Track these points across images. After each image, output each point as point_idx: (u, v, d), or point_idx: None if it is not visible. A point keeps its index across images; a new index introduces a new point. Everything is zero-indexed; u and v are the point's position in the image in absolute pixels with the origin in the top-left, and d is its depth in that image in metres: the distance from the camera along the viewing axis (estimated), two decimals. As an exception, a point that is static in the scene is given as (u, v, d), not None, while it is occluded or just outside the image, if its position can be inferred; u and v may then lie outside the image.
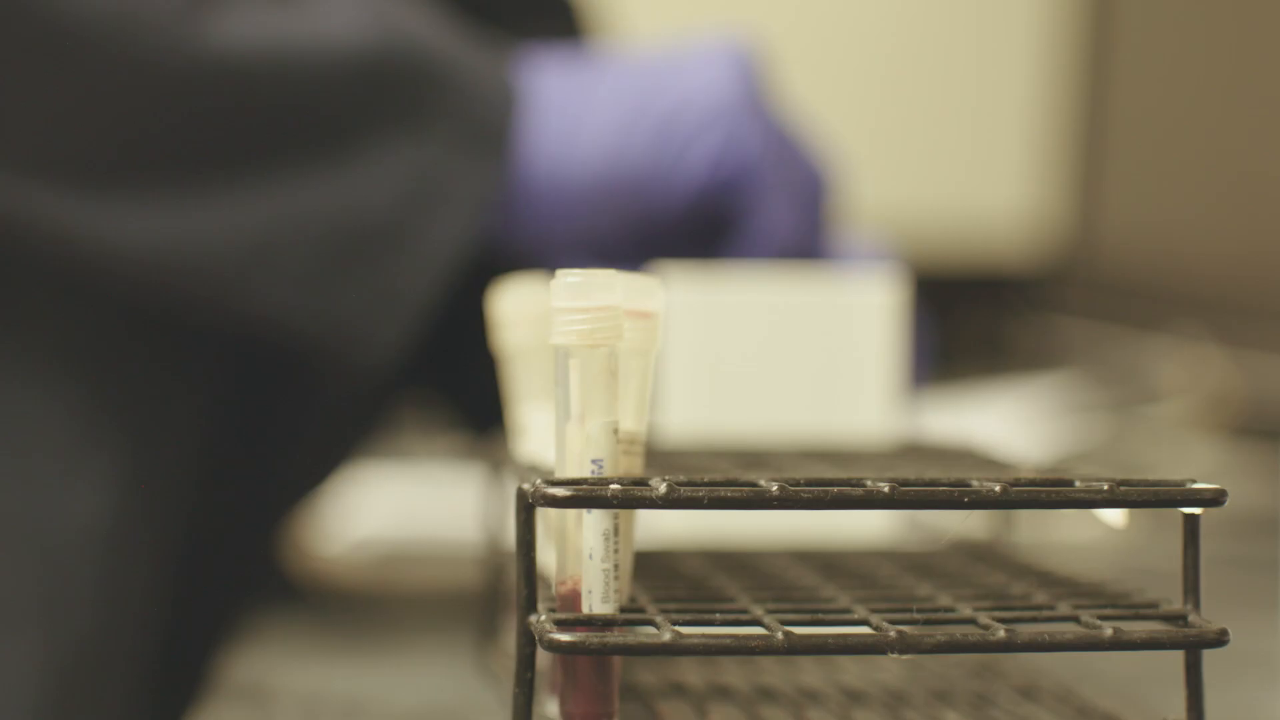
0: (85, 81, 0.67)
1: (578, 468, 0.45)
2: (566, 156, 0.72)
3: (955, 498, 0.44)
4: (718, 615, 0.47)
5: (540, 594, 0.44)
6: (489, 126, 0.71)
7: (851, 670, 0.57)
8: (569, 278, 0.45)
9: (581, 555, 0.45)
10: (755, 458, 0.58)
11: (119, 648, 0.72)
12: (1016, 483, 0.45)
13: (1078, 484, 0.45)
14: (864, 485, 0.44)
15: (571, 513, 0.45)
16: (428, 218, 0.70)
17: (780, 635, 0.43)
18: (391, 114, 0.70)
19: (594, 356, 0.45)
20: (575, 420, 0.45)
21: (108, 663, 0.72)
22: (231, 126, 0.69)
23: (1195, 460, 1.14)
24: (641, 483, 0.43)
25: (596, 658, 0.45)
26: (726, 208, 0.73)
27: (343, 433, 0.87)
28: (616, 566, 0.45)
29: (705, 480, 0.44)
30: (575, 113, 0.72)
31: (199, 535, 0.77)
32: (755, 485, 0.44)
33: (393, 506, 1.01)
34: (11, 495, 0.70)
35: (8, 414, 0.71)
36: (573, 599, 0.45)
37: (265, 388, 0.80)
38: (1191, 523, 0.45)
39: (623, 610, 0.45)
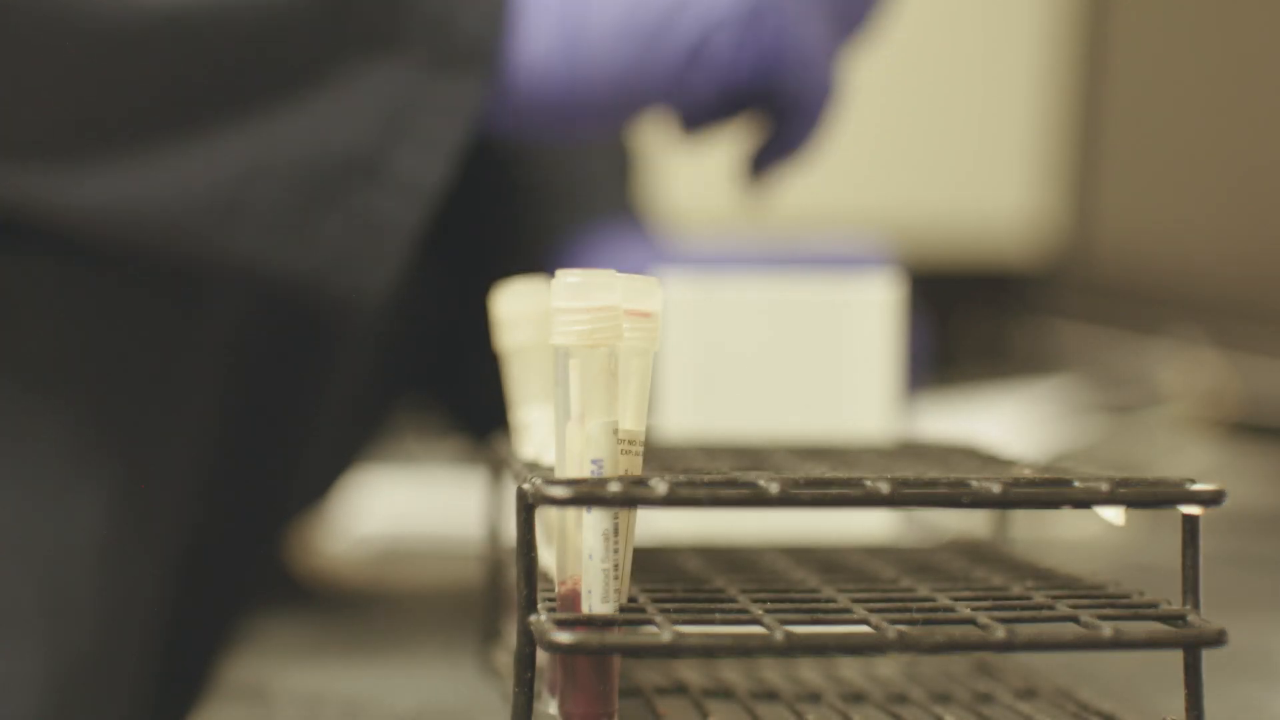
0: (28, 47, 0.66)
1: (578, 468, 0.45)
2: (570, 59, 0.70)
3: (955, 497, 0.45)
4: (717, 615, 0.47)
5: (540, 594, 0.44)
6: (471, 41, 0.68)
7: (851, 670, 0.57)
8: (569, 278, 0.45)
9: (581, 555, 0.45)
10: (754, 457, 0.58)
11: (119, 659, 0.72)
12: (1016, 482, 0.45)
13: (1077, 483, 0.45)
14: (863, 485, 0.44)
15: (571, 512, 0.45)
16: (403, 143, 0.68)
17: (780, 635, 0.43)
18: (357, 40, 0.68)
19: (594, 356, 0.45)
20: (575, 420, 0.45)
21: (108, 675, 0.72)
22: (185, 77, 0.67)
23: (1193, 461, 1.14)
24: (641, 482, 0.44)
25: (596, 657, 0.45)
26: (766, 76, 0.72)
27: (346, 439, 0.87)
28: (616, 566, 0.45)
29: (705, 480, 0.44)
30: (582, 26, 0.70)
31: (200, 544, 0.77)
32: (755, 485, 0.44)
33: (394, 506, 1.02)
34: (11, 507, 0.70)
35: (6, 425, 0.70)
36: (572, 599, 0.45)
37: (268, 393, 0.80)
38: (1191, 522, 0.45)
39: (622, 610, 0.45)
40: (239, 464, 0.79)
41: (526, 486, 0.44)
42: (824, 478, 0.45)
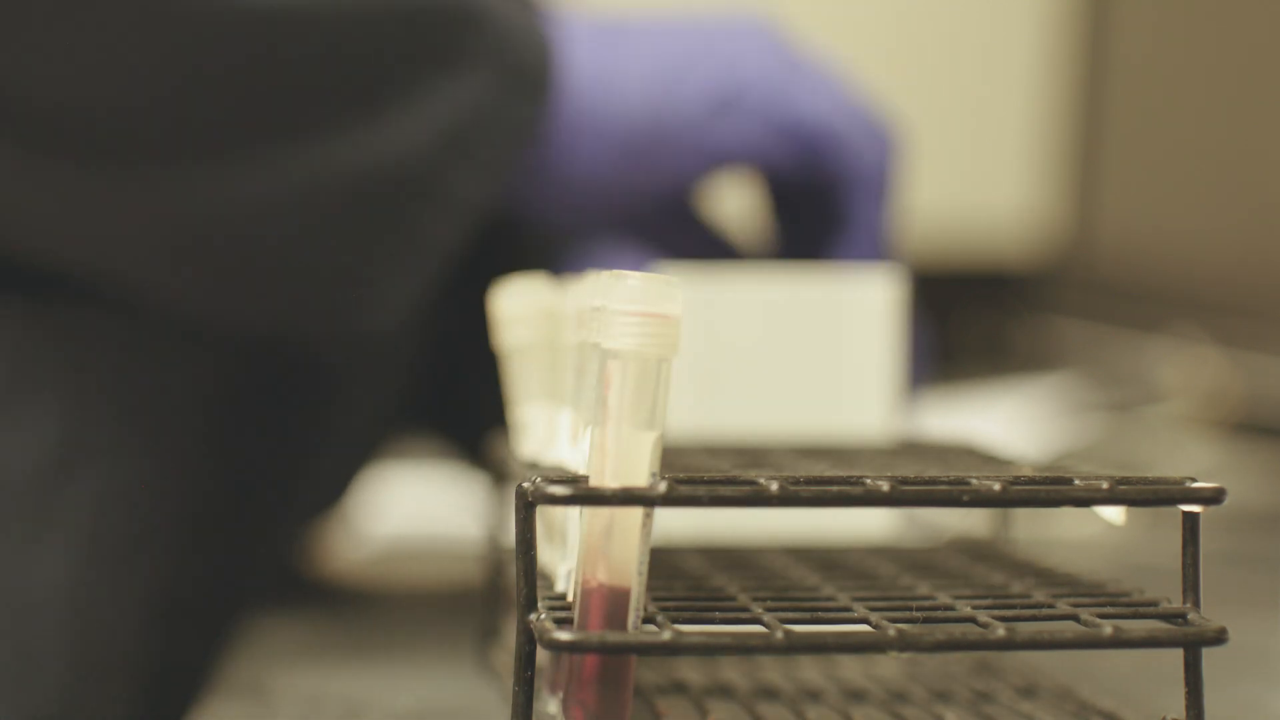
0: (110, 37, 0.62)
1: (615, 474, 0.43)
2: (605, 103, 0.69)
3: (955, 496, 0.44)
4: (717, 614, 0.47)
5: (540, 592, 0.44)
6: (527, 68, 0.68)
7: (851, 668, 0.57)
8: (630, 280, 0.43)
9: (633, 557, 0.44)
10: (755, 456, 0.58)
11: (88, 708, 0.70)
12: (1016, 480, 0.45)
13: (1077, 482, 0.45)
14: (864, 483, 0.44)
15: (620, 512, 0.44)
16: (461, 165, 0.67)
17: (780, 634, 0.43)
18: (430, 57, 0.66)
19: (648, 366, 0.44)
20: (613, 425, 0.44)
21: (104, 687, 0.70)
22: (270, 80, 0.65)
23: (1194, 459, 1.14)
24: (641, 481, 0.43)
25: (613, 664, 0.45)
26: (816, 167, 0.72)
27: (356, 451, 0.87)
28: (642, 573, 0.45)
29: (705, 479, 0.44)
30: (612, 64, 0.70)
31: (184, 583, 0.75)
32: (755, 484, 0.44)
33: (394, 506, 1.01)
34: None
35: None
36: (621, 597, 0.44)
37: (272, 413, 0.79)
38: (1191, 521, 0.45)
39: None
40: (228, 495, 0.77)
41: (526, 485, 0.44)
42: (824, 476, 0.45)
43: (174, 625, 0.74)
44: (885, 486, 0.44)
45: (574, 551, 0.46)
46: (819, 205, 0.74)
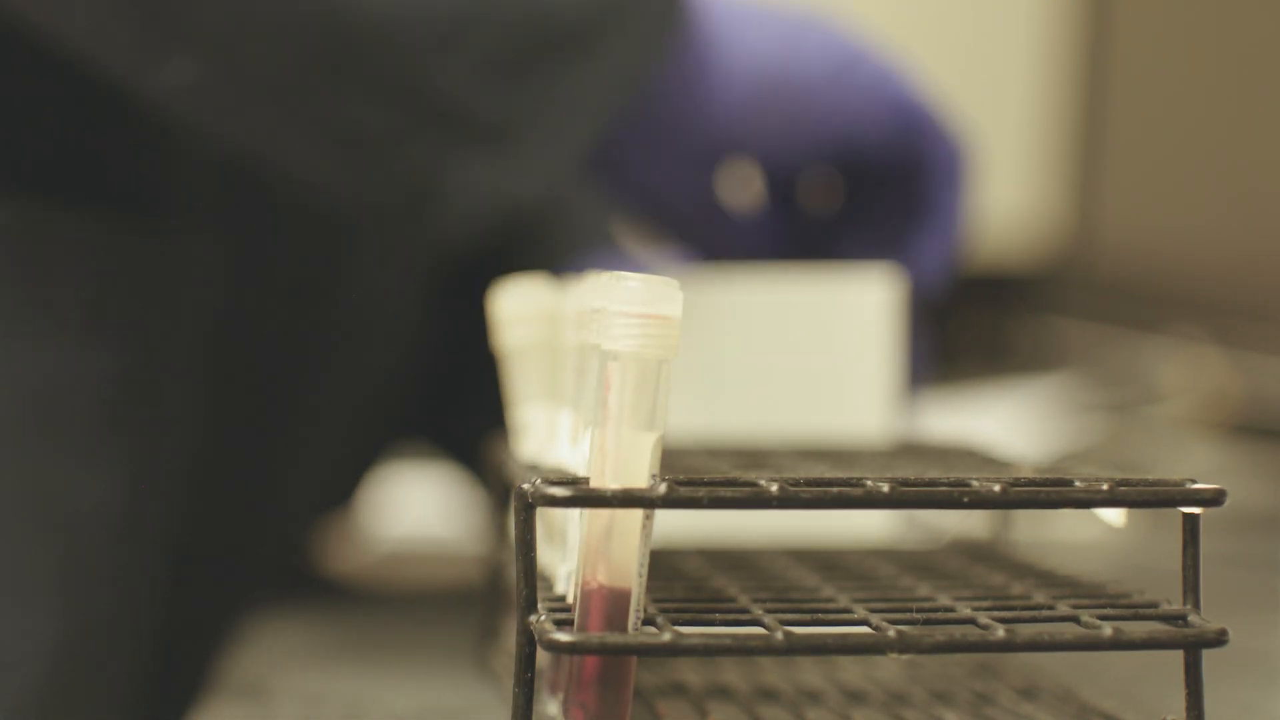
0: None
1: (614, 476, 0.44)
2: (737, 43, 0.69)
3: (955, 497, 0.44)
4: (718, 615, 0.47)
5: (540, 594, 0.44)
6: None
7: (851, 670, 0.57)
8: (630, 281, 0.43)
9: (634, 559, 0.44)
10: (755, 458, 0.58)
11: (128, 629, 0.72)
12: (1016, 482, 0.45)
13: (1077, 483, 0.45)
14: (864, 485, 0.44)
15: (620, 513, 0.44)
16: (618, 27, 0.66)
17: (780, 635, 0.43)
18: None
19: (648, 367, 0.44)
20: (613, 426, 0.44)
21: (117, 643, 0.72)
22: None
23: (1194, 460, 1.14)
24: (641, 483, 0.43)
25: (613, 665, 0.45)
26: (908, 148, 0.72)
27: (361, 446, 0.87)
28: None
29: (705, 480, 0.44)
30: (739, 14, 0.70)
31: (194, 527, 0.77)
32: (755, 485, 0.44)
33: (395, 507, 1.02)
34: (35, 475, 0.70)
35: (40, 393, 0.70)
36: (620, 597, 0.44)
37: (253, 388, 0.80)
38: (1191, 522, 0.45)
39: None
40: (229, 446, 0.79)
41: (526, 486, 0.44)
42: (824, 478, 0.45)
43: (197, 562, 0.77)
44: (885, 488, 0.44)
45: (574, 553, 0.46)
46: (902, 189, 0.74)
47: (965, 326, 1.62)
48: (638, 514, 0.44)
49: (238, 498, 0.80)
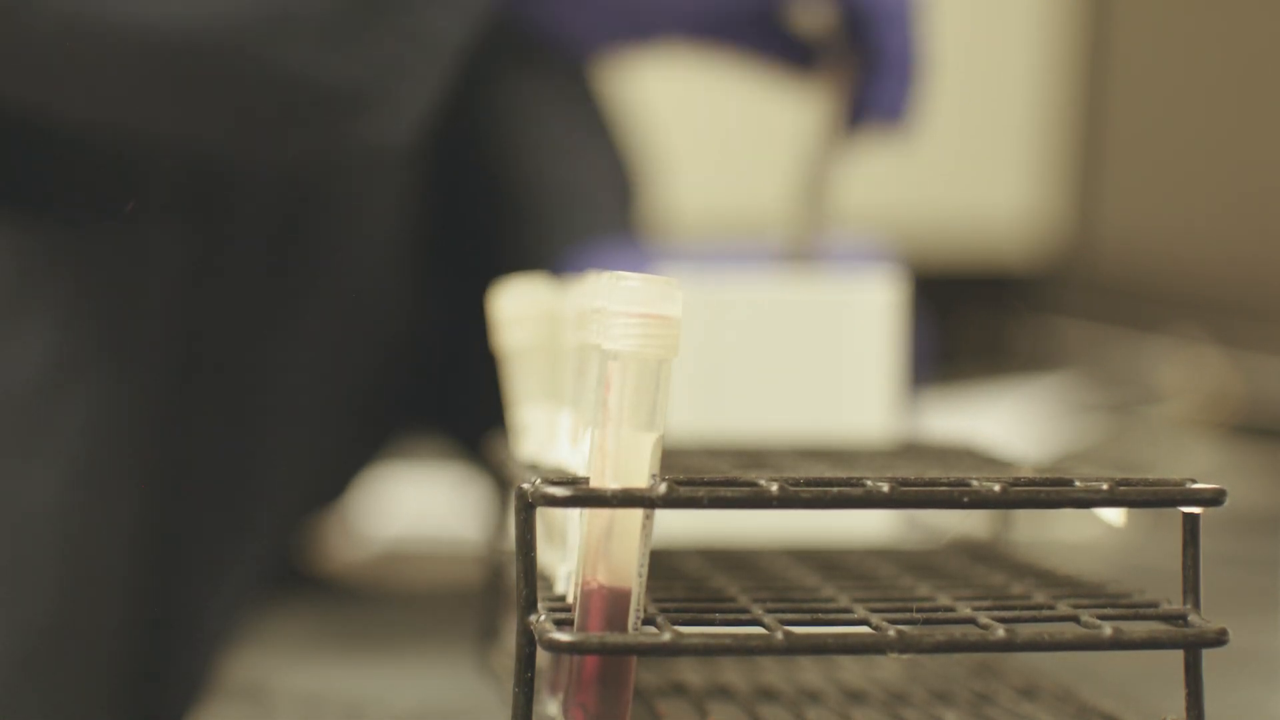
0: None
1: (615, 475, 0.43)
2: None
3: (955, 497, 0.44)
4: (718, 615, 0.46)
5: (540, 593, 0.44)
6: None
7: (851, 670, 0.57)
8: (630, 281, 0.43)
9: (633, 559, 0.44)
10: (755, 457, 0.58)
11: (81, 634, 0.71)
12: (1016, 482, 0.45)
13: (1077, 483, 0.45)
14: (864, 485, 0.44)
15: (620, 513, 0.44)
16: None
17: (780, 635, 0.43)
18: None
19: (648, 368, 0.44)
20: (613, 427, 0.44)
21: (69, 649, 0.71)
22: None
23: (1194, 460, 1.14)
24: (641, 482, 0.43)
25: (613, 666, 0.45)
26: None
27: (352, 443, 0.87)
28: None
29: (705, 480, 0.44)
30: None
31: (164, 524, 0.76)
32: (755, 485, 0.44)
33: (394, 506, 1.02)
34: None
35: None
36: (620, 597, 0.44)
37: (224, 375, 0.79)
38: (1191, 522, 0.45)
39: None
40: (199, 439, 0.78)
41: (526, 486, 0.44)
42: (824, 478, 0.45)
43: (164, 557, 0.75)
44: (885, 488, 0.44)
45: (574, 553, 0.46)
46: (855, 37, 0.76)
47: (965, 326, 1.62)
48: (638, 514, 0.44)
49: (213, 492, 0.79)
